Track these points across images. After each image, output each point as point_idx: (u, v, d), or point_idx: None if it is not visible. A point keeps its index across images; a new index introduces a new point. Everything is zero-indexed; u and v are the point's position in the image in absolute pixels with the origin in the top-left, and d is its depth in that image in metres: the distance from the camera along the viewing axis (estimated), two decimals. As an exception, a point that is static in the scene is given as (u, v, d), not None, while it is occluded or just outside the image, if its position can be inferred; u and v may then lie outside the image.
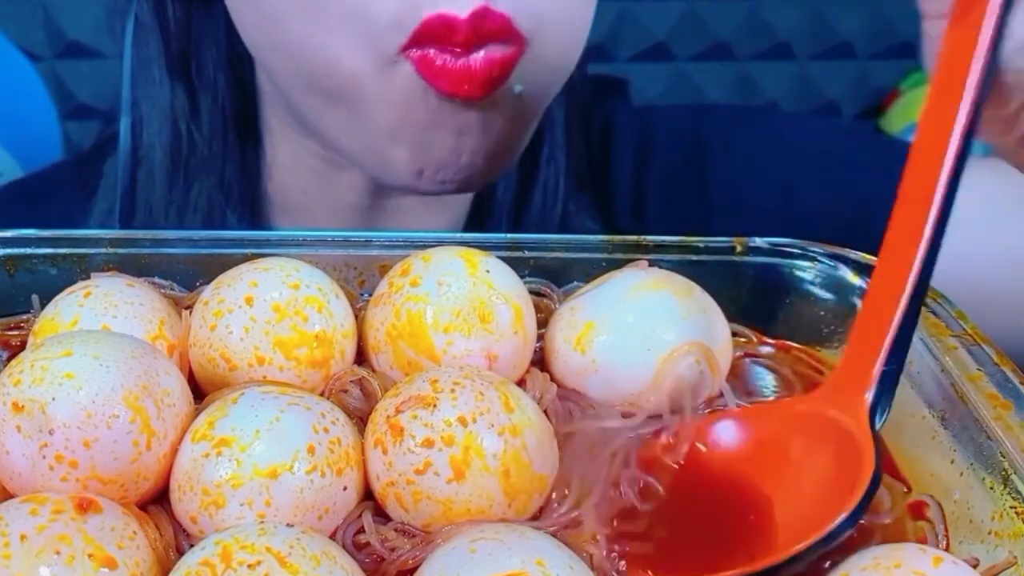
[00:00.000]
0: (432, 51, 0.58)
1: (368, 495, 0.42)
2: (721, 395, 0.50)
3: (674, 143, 0.83)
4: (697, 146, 0.82)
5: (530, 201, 0.77)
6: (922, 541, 0.42)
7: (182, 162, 0.73)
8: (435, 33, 0.58)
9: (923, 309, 0.50)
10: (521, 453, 0.41)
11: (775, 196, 0.78)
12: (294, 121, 0.72)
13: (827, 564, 0.39)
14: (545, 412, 0.46)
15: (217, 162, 0.74)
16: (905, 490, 0.46)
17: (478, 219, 0.78)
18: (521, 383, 0.49)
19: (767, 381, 0.54)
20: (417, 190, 0.66)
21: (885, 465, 0.48)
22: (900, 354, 0.43)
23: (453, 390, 0.41)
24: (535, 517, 0.42)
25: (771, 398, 0.52)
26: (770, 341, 0.56)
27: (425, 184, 0.65)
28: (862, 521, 0.44)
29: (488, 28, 0.58)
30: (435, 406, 0.41)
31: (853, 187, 0.76)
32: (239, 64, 0.73)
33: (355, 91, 0.62)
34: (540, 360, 0.51)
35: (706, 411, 0.49)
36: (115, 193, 0.75)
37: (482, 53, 0.58)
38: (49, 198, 0.82)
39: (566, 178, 0.78)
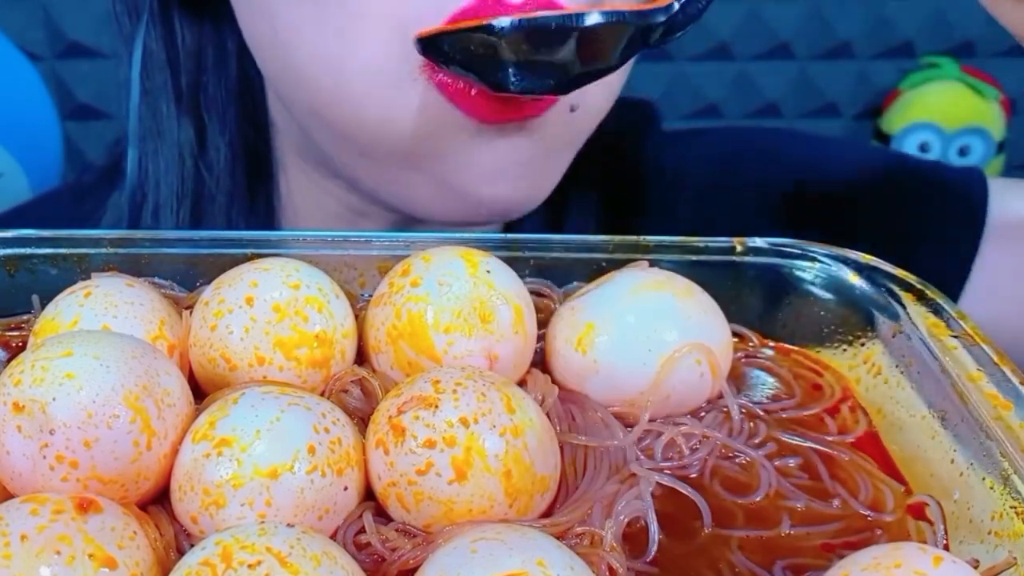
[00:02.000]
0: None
1: (369, 495, 0.43)
2: (721, 396, 0.50)
3: (709, 170, 0.80)
4: (734, 172, 0.79)
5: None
6: (922, 541, 0.42)
7: (188, 200, 0.71)
8: None
9: (923, 309, 0.51)
10: (523, 454, 0.41)
11: (814, 223, 0.76)
12: (316, 160, 0.69)
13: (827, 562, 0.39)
14: (547, 414, 0.46)
15: (224, 200, 0.71)
16: (904, 490, 0.46)
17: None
18: (522, 383, 0.49)
19: (767, 382, 0.54)
20: (446, 222, 0.63)
21: (885, 465, 0.48)
22: None
23: (455, 391, 0.41)
24: (543, 515, 0.42)
25: (769, 402, 0.52)
26: (770, 343, 0.56)
27: (455, 216, 0.61)
28: (868, 516, 0.44)
29: None
30: (437, 407, 0.41)
31: (893, 214, 0.75)
32: (251, 98, 0.71)
33: (366, 114, 0.58)
34: (540, 361, 0.51)
35: (706, 412, 0.50)
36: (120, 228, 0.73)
37: None
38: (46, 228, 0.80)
39: (596, 214, 0.76)
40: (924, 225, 0.74)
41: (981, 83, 1.87)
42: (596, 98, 0.60)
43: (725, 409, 0.50)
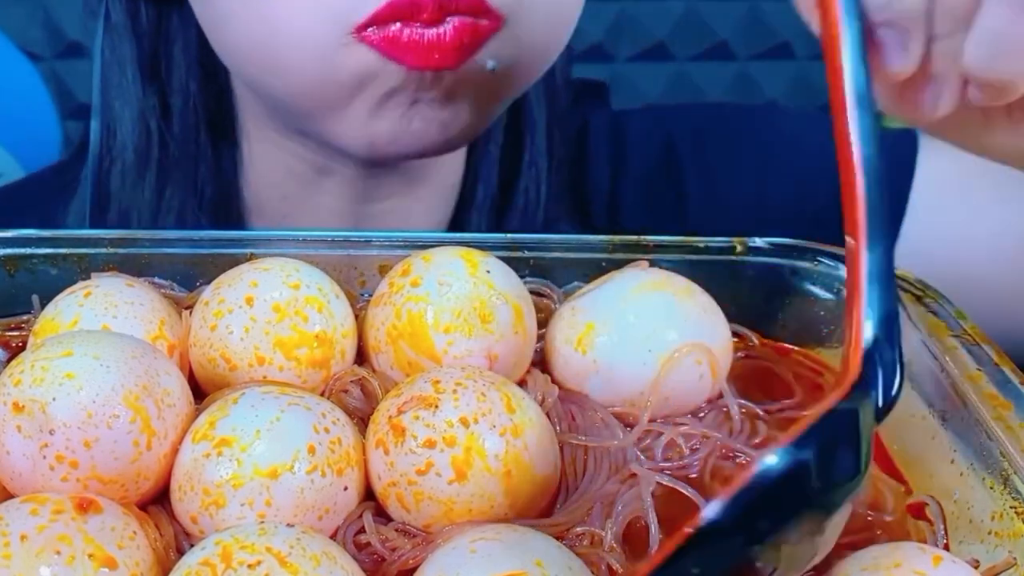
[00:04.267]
0: (396, 26, 0.57)
1: (369, 495, 0.42)
2: (721, 396, 0.50)
3: (647, 146, 0.82)
4: (670, 148, 0.81)
5: (511, 207, 0.76)
6: (922, 541, 0.42)
7: (153, 163, 0.73)
8: (400, 12, 0.56)
9: (923, 309, 0.51)
10: (522, 454, 0.41)
11: (750, 194, 0.78)
12: (276, 120, 0.71)
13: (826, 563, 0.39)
14: (547, 414, 0.46)
15: (189, 164, 0.73)
16: (905, 490, 0.46)
17: (458, 224, 0.77)
18: (522, 383, 0.49)
19: (767, 382, 0.53)
20: (372, 157, 0.66)
21: (885, 465, 0.48)
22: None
23: (455, 391, 0.41)
24: (543, 515, 0.42)
25: (771, 403, 0.52)
26: (770, 343, 0.56)
27: (380, 152, 0.64)
28: (868, 516, 0.44)
29: (456, 4, 0.57)
30: (437, 407, 0.41)
31: (826, 176, 0.76)
32: (212, 67, 0.72)
33: (300, 81, 0.61)
34: (540, 360, 0.51)
35: (706, 413, 0.50)
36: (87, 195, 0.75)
37: (451, 23, 0.57)
38: (30, 206, 0.81)
39: (547, 184, 0.77)
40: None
41: (981, 83, 1.87)
42: (516, 61, 0.62)
43: (725, 409, 0.49)
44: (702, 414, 0.49)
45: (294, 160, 0.73)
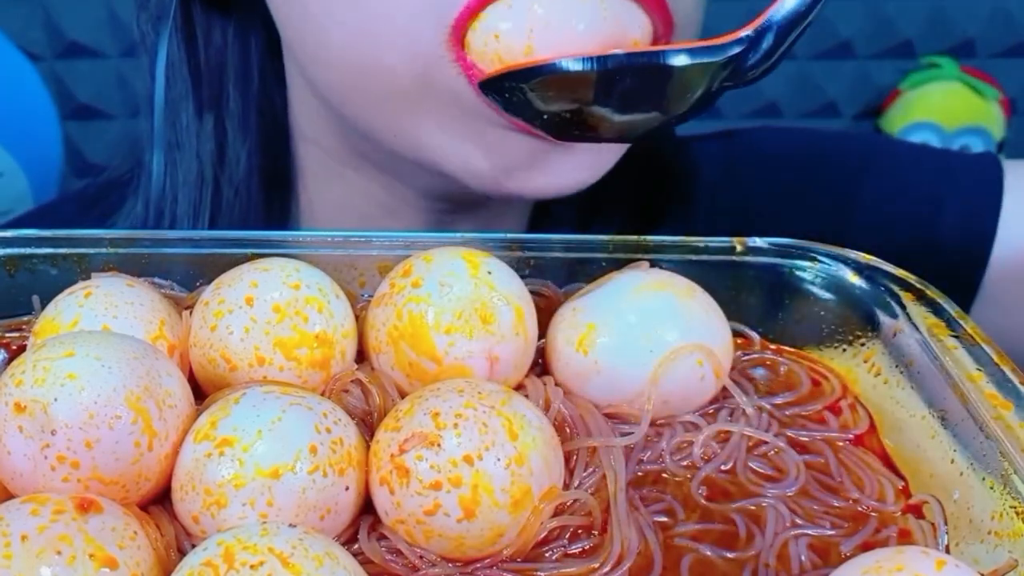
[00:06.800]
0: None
1: (369, 494, 0.42)
2: (722, 396, 0.50)
3: (713, 178, 0.81)
4: (736, 178, 0.80)
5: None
6: (923, 541, 0.43)
7: (206, 214, 0.72)
8: None
9: (923, 309, 0.51)
10: (528, 479, 0.40)
11: (823, 221, 0.77)
12: (348, 157, 0.68)
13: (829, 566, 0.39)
14: (556, 417, 0.46)
15: (240, 215, 0.72)
16: (902, 486, 0.46)
17: None
18: (520, 387, 0.48)
19: (767, 382, 0.53)
20: (511, 194, 0.61)
21: (885, 464, 0.48)
22: None
23: (456, 424, 0.40)
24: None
25: (776, 399, 0.52)
26: (771, 345, 0.56)
27: (516, 185, 0.60)
28: (871, 514, 0.44)
29: None
30: (439, 445, 0.40)
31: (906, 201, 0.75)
32: (271, 107, 0.71)
33: (399, 84, 0.57)
34: (541, 361, 0.51)
35: (707, 410, 0.50)
36: None
37: None
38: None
39: (623, 224, 0.76)
40: (941, 210, 0.74)
41: (981, 83, 1.87)
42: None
43: (734, 406, 0.49)
44: (710, 410, 0.50)
45: (363, 199, 0.70)
